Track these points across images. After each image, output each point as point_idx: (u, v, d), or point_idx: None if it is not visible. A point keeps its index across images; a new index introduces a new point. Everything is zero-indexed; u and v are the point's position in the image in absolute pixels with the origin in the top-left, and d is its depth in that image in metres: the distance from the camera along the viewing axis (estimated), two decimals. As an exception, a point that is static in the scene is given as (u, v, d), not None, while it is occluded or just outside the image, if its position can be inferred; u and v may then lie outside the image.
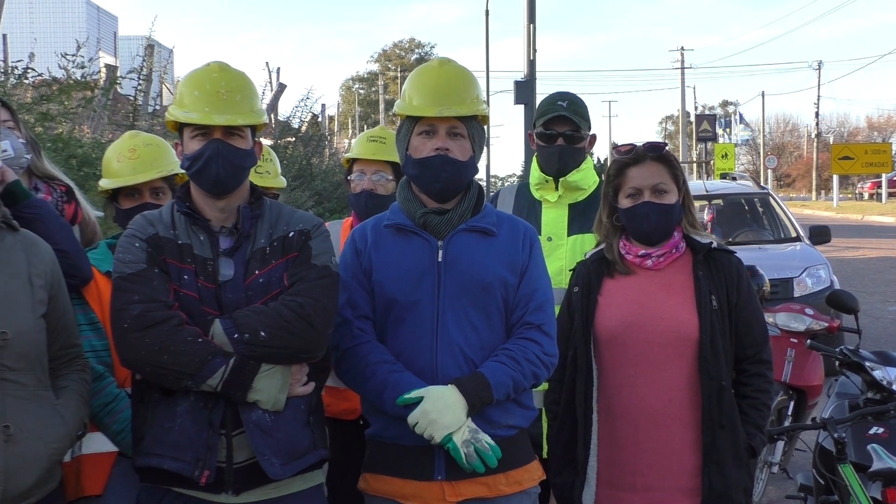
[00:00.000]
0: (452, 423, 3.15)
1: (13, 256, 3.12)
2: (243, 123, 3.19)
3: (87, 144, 9.20)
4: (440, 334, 3.27)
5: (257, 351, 3.06)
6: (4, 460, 2.97)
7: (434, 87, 3.36)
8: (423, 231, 3.36)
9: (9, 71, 10.00)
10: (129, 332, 3.04)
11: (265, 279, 3.16)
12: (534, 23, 21.12)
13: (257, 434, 3.10)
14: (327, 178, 16.92)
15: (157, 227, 3.18)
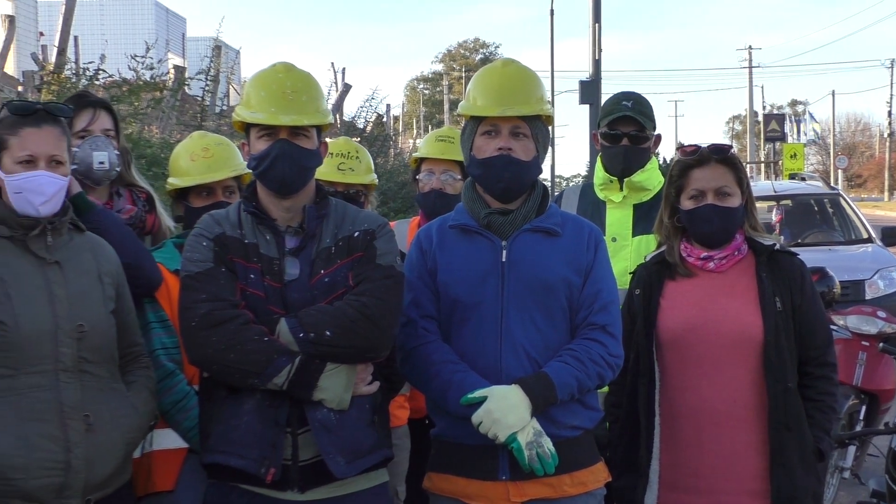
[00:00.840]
0: (516, 422, 3.15)
1: (83, 255, 3.22)
2: (308, 124, 3.20)
3: (156, 144, 9.33)
4: (504, 334, 3.27)
5: (322, 350, 3.08)
6: (86, 449, 3.07)
7: (497, 88, 3.37)
8: (486, 231, 3.36)
9: (80, 72, 10.18)
10: (196, 331, 3.08)
11: (330, 279, 3.18)
12: (599, 22, 21.01)
13: (322, 433, 3.11)
14: (392, 177, 16.98)
15: (223, 227, 3.21)
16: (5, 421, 3.00)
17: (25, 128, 3.11)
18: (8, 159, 3.10)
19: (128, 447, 3.22)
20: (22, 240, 3.11)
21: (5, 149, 3.11)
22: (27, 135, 3.10)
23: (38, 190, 3.09)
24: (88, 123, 3.74)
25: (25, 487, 3.00)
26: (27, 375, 3.03)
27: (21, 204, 3.09)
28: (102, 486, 3.14)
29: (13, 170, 3.09)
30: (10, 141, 3.10)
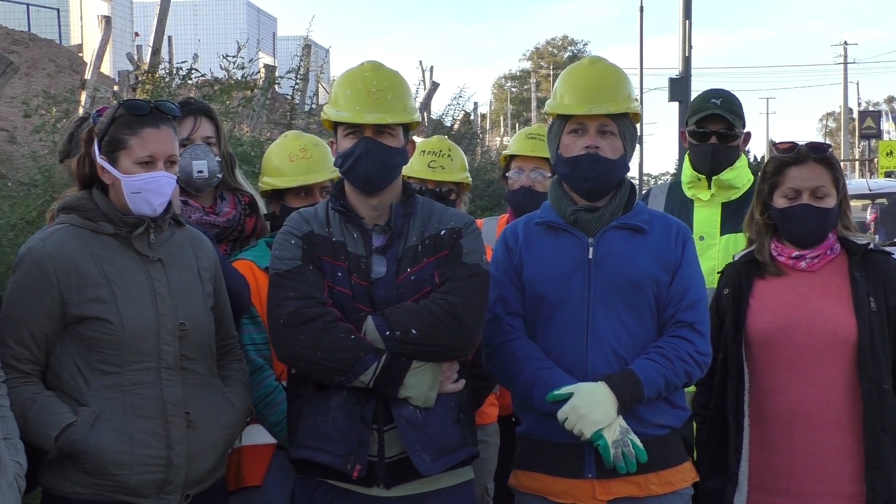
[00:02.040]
0: (602, 419, 3.14)
1: (183, 251, 3.26)
2: (393, 122, 3.21)
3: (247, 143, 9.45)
4: (590, 332, 3.26)
5: (408, 348, 3.11)
6: (187, 445, 3.12)
7: (584, 86, 3.35)
8: (573, 228, 3.34)
9: (174, 72, 10.37)
10: (284, 328, 3.12)
11: (416, 277, 3.19)
12: (689, 19, 20.77)
13: (408, 430, 3.14)
14: (479, 175, 16.96)
15: (312, 225, 3.23)
16: (111, 417, 3.06)
17: (145, 128, 3.12)
18: (126, 160, 3.12)
19: (226, 443, 3.27)
20: (126, 238, 3.16)
21: (124, 149, 3.13)
22: (148, 135, 3.13)
23: (159, 191, 3.13)
24: (190, 132, 3.78)
25: (129, 483, 3.06)
26: (132, 373, 3.09)
27: (138, 204, 3.13)
28: (201, 481, 3.19)
29: (132, 170, 3.12)
30: (131, 141, 3.12)
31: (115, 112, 3.16)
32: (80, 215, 3.16)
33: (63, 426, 3.03)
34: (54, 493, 3.13)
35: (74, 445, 3.02)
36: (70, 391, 3.10)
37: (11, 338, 3.06)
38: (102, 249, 3.13)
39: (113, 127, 3.15)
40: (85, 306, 3.07)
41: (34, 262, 3.09)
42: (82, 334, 3.09)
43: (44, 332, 3.09)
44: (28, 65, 14.25)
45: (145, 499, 3.10)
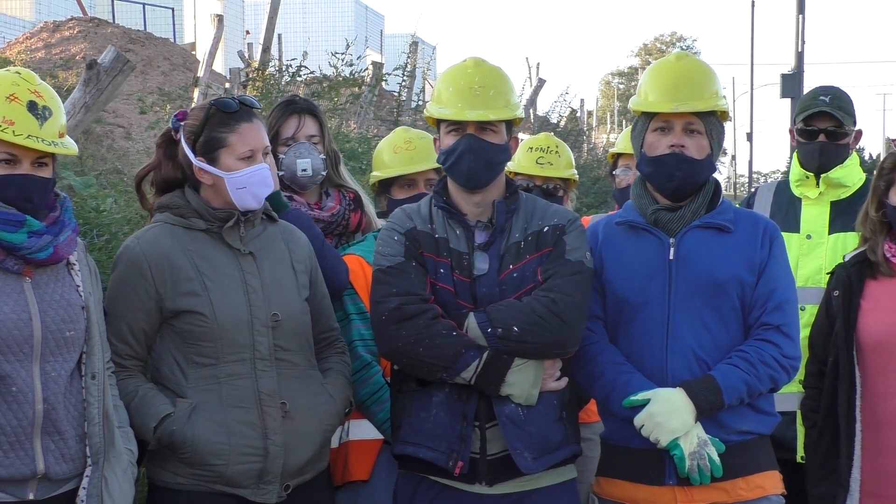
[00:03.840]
0: (679, 427, 3.08)
1: (276, 244, 3.31)
2: (495, 118, 3.19)
3: (354, 139, 9.56)
4: (671, 335, 3.18)
5: (510, 346, 3.10)
6: (283, 435, 3.16)
7: (670, 83, 3.27)
8: (654, 228, 3.26)
9: (283, 69, 10.54)
10: (386, 325, 3.13)
11: (519, 274, 3.18)
12: (803, 13, 20.34)
13: (510, 428, 3.12)
14: (585, 172, 16.88)
15: (415, 221, 3.24)
16: (208, 408, 3.12)
17: (241, 123, 3.19)
18: (228, 157, 3.18)
19: (324, 434, 3.29)
20: (217, 232, 3.21)
21: (224, 147, 3.18)
22: (244, 130, 3.19)
23: (264, 182, 3.19)
24: (295, 131, 3.83)
25: (226, 473, 3.12)
26: (227, 364, 3.15)
27: (244, 199, 3.19)
28: (300, 472, 3.22)
29: (235, 166, 3.17)
30: (230, 138, 3.18)
31: (206, 113, 3.22)
32: (173, 213, 3.23)
33: (161, 417, 3.10)
34: (157, 483, 3.20)
35: (172, 436, 3.09)
36: (169, 384, 3.17)
37: (113, 334, 3.14)
38: (195, 244, 3.19)
39: (207, 128, 3.20)
40: (179, 300, 3.14)
41: (130, 259, 3.17)
42: (178, 328, 3.16)
43: (142, 327, 3.17)
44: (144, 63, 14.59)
45: (244, 489, 3.15)
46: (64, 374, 2.90)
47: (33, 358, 2.86)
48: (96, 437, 2.94)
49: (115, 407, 3.05)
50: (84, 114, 5.70)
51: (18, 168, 2.86)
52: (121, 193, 6.28)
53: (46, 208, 2.95)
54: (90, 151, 10.00)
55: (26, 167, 2.87)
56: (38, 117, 2.85)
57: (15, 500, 2.84)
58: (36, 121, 2.84)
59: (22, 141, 2.82)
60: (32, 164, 2.87)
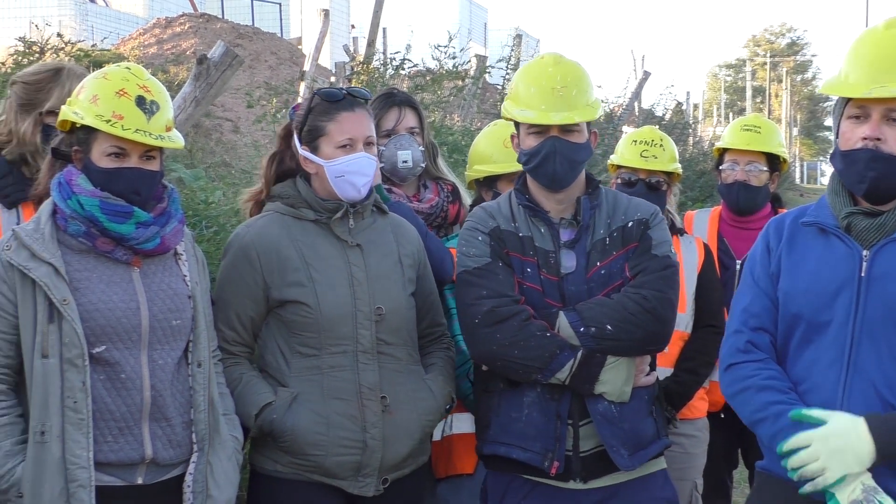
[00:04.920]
0: (852, 463, 2.58)
1: (384, 237, 3.32)
2: (580, 121, 3.16)
3: (457, 132, 9.57)
4: (852, 366, 2.69)
5: (604, 344, 3.08)
6: (383, 429, 3.18)
7: (871, 59, 2.67)
8: (845, 235, 2.75)
9: (388, 62, 10.60)
10: (479, 328, 3.11)
11: (606, 270, 3.15)
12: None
13: (604, 425, 3.11)
14: (690, 166, 16.65)
15: (497, 220, 3.21)
16: (309, 399, 3.15)
17: (341, 112, 3.23)
18: (327, 146, 3.22)
19: (424, 429, 3.30)
20: (326, 223, 3.25)
21: (323, 135, 3.23)
22: (345, 119, 3.22)
23: (361, 171, 3.21)
24: (395, 124, 3.85)
25: (324, 464, 3.15)
26: (330, 356, 3.17)
27: (344, 188, 3.22)
28: (399, 466, 3.24)
29: (333, 155, 3.21)
30: (329, 127, 3.22)
31: (310, 103, 3.28)
32: (284, 203, 3.27)
33: (262, 405, 3.14)
34: (258, 470, 3.25)
35: (272, 424, 3.13)
36: (273, 372, 3.21)
37: (221, 320, 3.19)
38: (303, 235, 3.23)
39: (310, 117, 3.26)
40: (285, 290, 3.18)
41: (239, 247, 3.23)
42: (284, 317, 3.19)
43: (249, 315, 3.21)
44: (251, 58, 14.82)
45: (342, 480, 3.17)
46: (170, 361, 2.97)
47: (141, 346, 2.92)
48: (202, 423, 3.00)
49: (220, 395, 3.10)
50: (194, 108, 5.81)
51: (127, 161, 2.92)
52: (229, 186, 6.39)
53: (154, 200, 3.01)
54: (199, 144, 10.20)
55: (134, 160, 2.93)
56: (146, 112, 2.91)
57: (125, 483, 2.92)
58: (144, 115, 2.90)
59: (130, 135, 2.88)
60: (140, 157, 2.94)
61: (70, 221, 2.91)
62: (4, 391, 2.87)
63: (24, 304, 2.85)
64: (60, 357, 2.82)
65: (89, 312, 2.86)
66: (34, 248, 2.86)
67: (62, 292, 2.84)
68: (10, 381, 2.89)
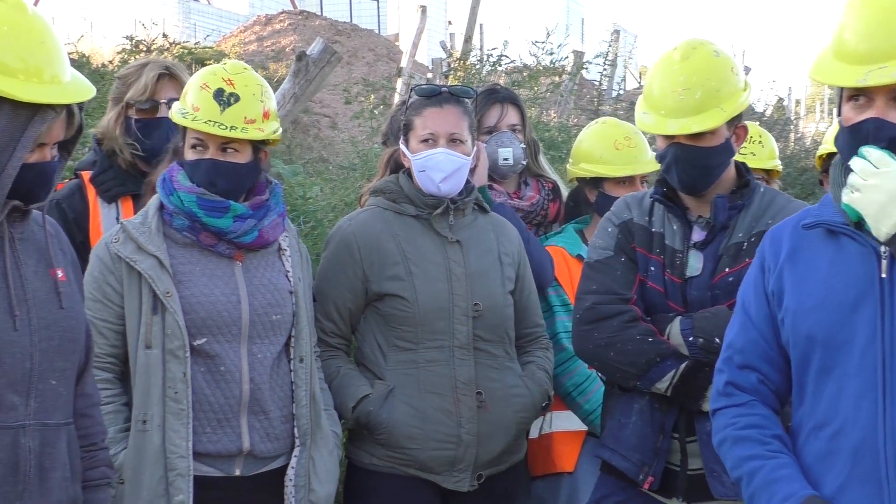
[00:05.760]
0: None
1: (485, 235, 3.33)
2: (699, 130, 2.84)
3: (554, 128, 9.52)
4: (890, 393, 2.19)
5: (711, 358, 2.72)
6: (477, 425, 3.18)
7: (868, 29, 2.24)
8: (857, 233, 2.28)
9: (484, 59, 10.60)
10: (579, 324, 3.00)
11: (735, 278, 2.81)
12: None
13: (708, 447, 2.79)
14: (791, 163, 16.33)
15: (632, 212, 3.02)
16: (405, 392, 3.17)
17: (429, 108, 3.26)
18: (413, 140, 3.26)
19: (519, 426, 3.28)
20: (426, 219, 3.27)
21: (411, 130, 3.27)
22: (429, 114, 3.25)
23: (437, 167, 3.21)
24: (497, 120, 3.84)
25: (420, 458, 3.16)
26: (426, 350, 3.19)
27: (425, 182, 3.24)
28: (494, 462, 3.23)
29: (417, 149, 3.25)
30: (416, 122, 3.26)
31: (407, 97, 3.33)
32: (386, 197, 3.30)
33: (359, 398, 3.17)
34: (355, 463, 3.28)
35: (368, 417, 3.16)
36: (370, 365, 3.24)
37: (320, 312, 3.23)
38: (404, 230, 3.25)
39: (407, 112, 3.32)
40: (384, 284, 3.20)
41: (341, 240, 3.26)
42: (382, 311, 3.22)
43: (348, 306, 3.24)
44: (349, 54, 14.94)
45: (437, 475, 3.18)
46: (270, 356, 3.00)
47: (241, 339, 2.96)
48: (304, 418, 3.03)
49: (321, 390, 3.14)
50: (293, 104, 5.89)
51: (205, 153, 2.97)
52: (326, 181, 6.45)
53: (255, 193, 3.05)
54: (297, 140, 10.33)
55: (213, 152, 2.97)
56: (222, 104, 2.94)
57: (223, 475, 2.96)
58: (218, 107, 2.93)
59: (199, 126, 2.92)
60: (218, 149, 2.97)
61: (174, 216, 2.97)
62: (110, 380, 2.94)
63: (129, 295, 2.91)
64: (163, 348, 2.88)
65: (191, 305, 2.91)
66: (140, 241, 2.92)
67: (166, 285, 2.90)
68: (117, 370, 2.96)
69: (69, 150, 2.36)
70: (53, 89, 2.18)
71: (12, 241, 2.26)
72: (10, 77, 2.14)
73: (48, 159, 2.25)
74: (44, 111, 2.17)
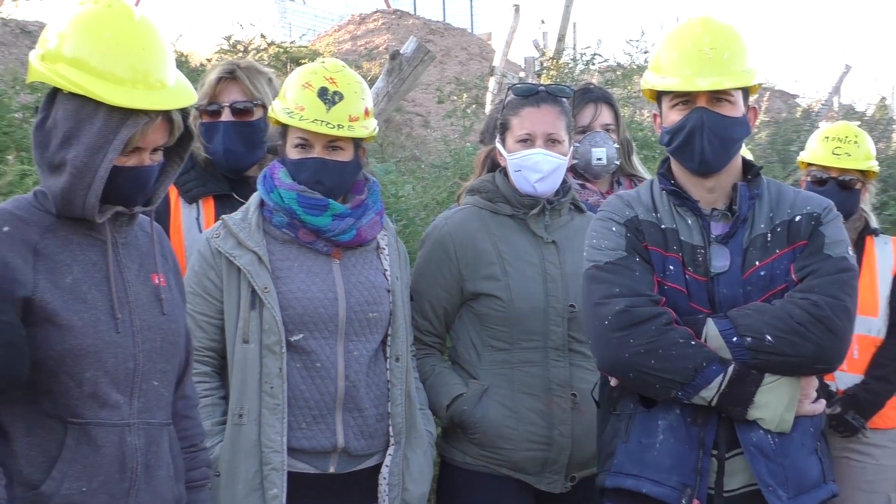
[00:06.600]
0: None
1: (581, 235, 3.30)
2: (732, 86, 2.72)
3: (647, 128, 9.43)
4: None
5: (762, 359, 2.63)
6: (571, 426, 3.17)
7: None
8: None
9: (578, 57, 10.55)
10: (609, 331, 2.69)
11: (767, 272, 2.72)
12: None
13: (759, 459, 2.66)
14: (894, 164, 15.96)
15: (635, 209, 2.80)
16: (499, 392, 3.17)
17: (526, 108, 3.26)
18: (510, 139, 3.26)
19: None
20: (523, 219, 3.26)
21: (508, 129, 3.27)
22: (526, 114, 3.25)
23: (534, 167, 3.21)
24: (591, 120, 3.83)
25: (513, 458, 3.17)
26: (521, 351, 3.18)
27: (520, 182, 3.24)
28: (587, 464, 3.20)
29: (514, 149, 3.25)
30: (513, 121, 3.26)
31: (506, 97, 3.33)
32: (483, 196, 3.31)
33: (453, 396, 3.18)
34: (448, 462, 3.29)
35: (462, 416, 3.17)
36: (465, 364, 3.25)
37: (416, 310, 3.24)
38: (500, 229, 3.25)
39: (504, 111, 3.31)
40: (479, 283, 3.21)
41: (437, 239, 3.28)
42: (477, 310, 3.22)
43: (443, 305, 3.26)
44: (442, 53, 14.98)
45: (530, 475, 3.18)
46: (366, 353, 3.02)
47: (338, 336, 2.98)
48: (399, 417, 3.05)
49: (416, 389, 3.15)
50: (386, 103, 5.93)
51: (311, 152, 2.99)
52: (418, 180, 6.48)
53: (354, 192, 3.07)
54: (390, 139, 10.38)
55: (318, 151, 2.99)
56: (327, 102, 2.96)
57: (317, 471, 2.98)
58: (324, 105, 2.95)
59: (307, 125, 2.94)
60: (324, 147, 2.99)
61: (274, 213, 3.00)
62: (209, 373, 2.98)
63: (229, 289, 2.95)
64: (260, 343, 2.91)
65: (289, 301, 2.94)
66: (241, 237, 2.96)
67: (264, 280, 2.93)
68: (215, 364, 3.00)
69: (181, 155, 2.38)
70: (143, 94, 2.18)
71: (115, 246, 2.31)
72: (107, 81, 2.16)
73: (146, 164, 2.26)
74: (136, 115, 2.19)
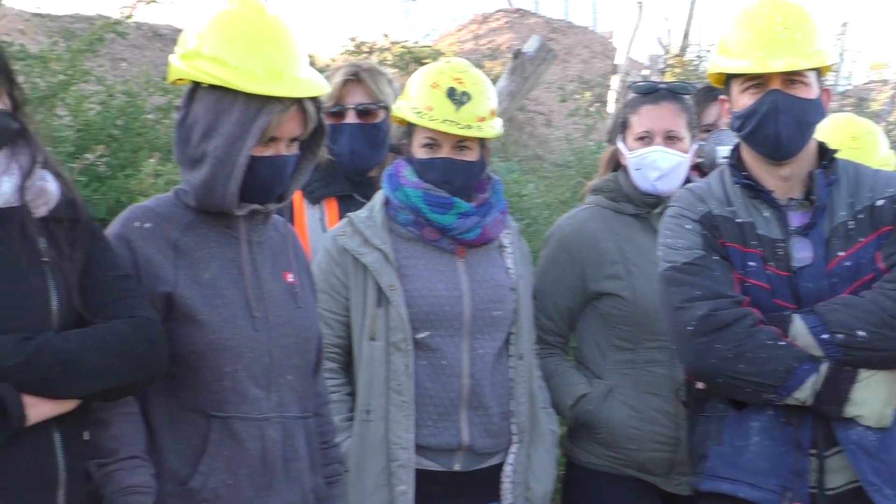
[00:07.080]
0: None
1: None
2: (807, 66, 2.63)
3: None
4: None
5: (855, 355, 2.56)
6: None
7: None
8: None
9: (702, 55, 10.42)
10: (694, 337, 2.61)
11: (852, 262, 2.63)
12: None
13: (861, 457, 2.59)
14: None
15: (708, 203, 2.71)
16: (624, 392, 3.15)
17: (644, 105, 3.24)
18: (630, 137, 3.24)
19: None
20: (646, 218, 3.23)
21: (628, 127, 3.25)
22: (645, 112, 3.23)
23: (653, 165, 3.18)
24: (716, 118, 3.78)
25: (638, 458, 3.14)
26: (645, 350, 3.16)
27: (640, 180, 3.21)
28: None
29: (633, 147, 3.23)
30: (632, 119, 3.24)
31: (626, 94, 3.29)
32: (605, 196, 3.29)
33: (577, 396, 3.17)
34: (574, 462, 3.28)
35: (587, 415, 3.15)
36: (589, 364, 3.23)
37: (539, 310, 3.23)
38: (623, 229, 3.23)
39: (624, 109, 3.31)
40: (602, 283, 3.19)
41: (559, 239, 3.27)
42: (601, 310, 3.21)
43: (566, 305, 3.24)
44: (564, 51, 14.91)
45: (656, 477, 3.16)
46: (490, 351, 3.02)
47: (463, 334, 3.00)
48: (522, 416, 3.05)
49: (539, 388, 3.15)
50: (509, 101, 5.95)
51: (439, 152, 3.01)
52: (541, 179, 6.48)
53: (478, 191, 3.08)
54: (513, 138, 10.39)
55: (446, 151, 3.01)
56: (456, 102, 2.98)
57: (442, 469, 3.00)
58: (453, 106, 2.97)
59: (437, 125, 2.96)
60: (452, 147, 3.01)
61: (399, 211, 3.03)
62: (336, 370, 3.02)
63: (355, 287, 2.99)
64: (387, 340, 2.95)
65: (414, 299, 2.97)
66: (367, 235, 3.00)
67: (390, 278, 2.96)
68: (341, 361, 3.04)
69: (314, 150, 2.44)
70: (277, 84, 2.26)
71: (250, 244, 2.37)
72: (243, 72, 2.25)
73: (281, 153, 2.33)
74: (271, 104, 2.26)
